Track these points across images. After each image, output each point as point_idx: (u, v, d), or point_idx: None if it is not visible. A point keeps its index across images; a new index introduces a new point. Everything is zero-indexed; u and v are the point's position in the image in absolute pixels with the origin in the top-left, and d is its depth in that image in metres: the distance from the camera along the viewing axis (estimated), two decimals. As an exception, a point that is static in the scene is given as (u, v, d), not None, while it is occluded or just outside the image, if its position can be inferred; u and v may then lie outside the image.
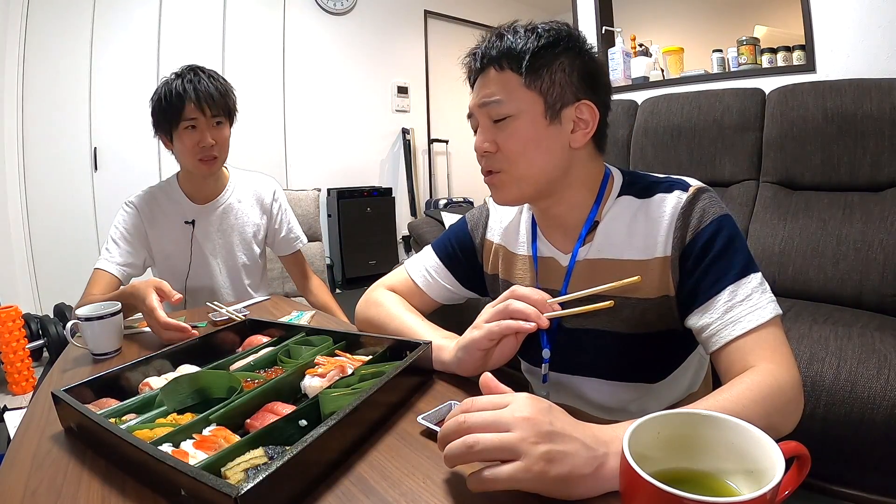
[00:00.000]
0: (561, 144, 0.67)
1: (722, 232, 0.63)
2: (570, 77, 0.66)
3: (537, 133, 0.66)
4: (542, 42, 0.66)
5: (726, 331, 0.60)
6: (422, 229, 2.52)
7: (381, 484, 0.48)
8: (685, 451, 0.39)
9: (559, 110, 0.66)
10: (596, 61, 0.69)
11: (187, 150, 1.21)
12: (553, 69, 0.66)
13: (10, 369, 2.16)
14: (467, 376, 0.68)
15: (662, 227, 0.65)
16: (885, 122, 1.51)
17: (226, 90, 1.23)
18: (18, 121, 2.76)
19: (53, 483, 0.51)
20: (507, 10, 5.19)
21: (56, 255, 2.89)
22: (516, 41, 0.66)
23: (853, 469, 1.06)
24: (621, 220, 0.69)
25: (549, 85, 0.66)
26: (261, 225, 1.40)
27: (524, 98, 0.66)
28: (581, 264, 0.72)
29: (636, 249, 0.67)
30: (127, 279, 1.25)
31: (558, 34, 0.67)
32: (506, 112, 0.66)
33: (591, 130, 0.68)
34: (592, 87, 0.68)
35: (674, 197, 0.66)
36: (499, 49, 0.67)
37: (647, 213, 0.67)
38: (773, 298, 0.61)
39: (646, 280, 0.66)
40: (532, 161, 0.67)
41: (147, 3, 3.14)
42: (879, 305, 1.40)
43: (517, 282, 0.79)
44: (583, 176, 0.71)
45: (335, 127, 4.06)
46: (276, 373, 0.70)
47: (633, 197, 0.69)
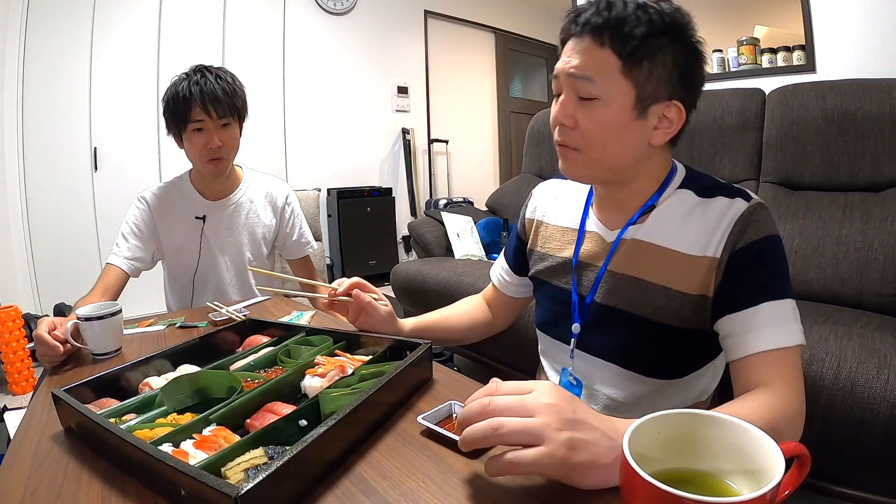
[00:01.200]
0: (641, 139, 0.66)
1: (773, 250, 0.63)
2: (670, 73, 0.63)
3: (621, 124, 0.64)
4: (652, 28, 0.61)
5: (752, 343, 0.60)
6: (422, 229, 2.52)
7: (381, 484, 0.48)
8: (685, 451, 0.39)
9: (648, 105, 0.64)
10: (698, 59, 0.66)
11: (195, 152, 1.23)
12: (655, 61, 0.63)
13: (10, 369, 2.16)
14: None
15: (719, 229, 0.64)
16: (885, 122, 1.51)
17: (233, 90, 1.23)
18: (18, 121, 2.76)
19: (53, 483, 0.51)
20: (508, 10, 5.19)
21: (56, 255, 2.88)
22: (627, 18, 0.61)
23: (853, 469, 1.06)
24: (677, 211, 0.69)
25: (647, 77, 0.63)
26: (270, 227, 1.41)
27: (617, 84, 0.63)
28: (627, 243, 0.72)
29: (686, 243, 0.67)
30: (135, 273, 1.28)
31: (672, 22, 0.62)
32: (595, 93, 0.64)
33: (673, 131, 0.67)
34: (688, 87, 0.66)
35: (736, 203, 0.65)
36: (605, 20, 0.62)
37: (706, 211, 0.67)
38: (801, 328, 0.61)
39: (690, 277, 0.66)
40: (608, 150, 0.66)
41: (147, 3, 3.14)
42: (879, 305, 1.40)
43: (552, 251, 0.83)
44: (652, 169, 0.71)
45: (335, 127, 4.06)
46: (276, 373, 0.70)
47: (693, 193, 0.69)
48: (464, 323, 0.97)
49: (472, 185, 4.93)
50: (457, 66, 4.87)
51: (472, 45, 5.02)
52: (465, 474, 0.49)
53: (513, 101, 5.41)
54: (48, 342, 0.85)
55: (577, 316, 0.77)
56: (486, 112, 5.21)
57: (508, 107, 5.33)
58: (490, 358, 1.90)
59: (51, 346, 0.85)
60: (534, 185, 2.74)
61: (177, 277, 1.39)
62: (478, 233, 2.49)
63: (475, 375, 0.79)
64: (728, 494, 0.37)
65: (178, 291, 1.40)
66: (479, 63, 5.10)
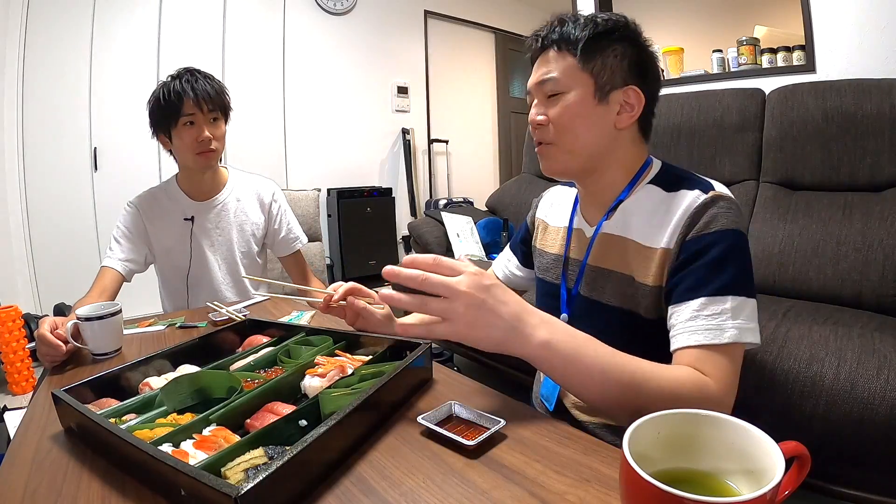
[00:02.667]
0: (606, 123, 0.73)
1: (721, 244, 0.64)
2: (621, 63, 0.72)
3: (585, 110, 0.72)
4: (598, 29, 0.72)
5: (682, 337, 0.63)
6: (422, 229, 2.52)
7: (381, 484, 0.48)
8: (685, 451, 0.39)
9: (608, 92, 0.72)
10: (647, 52, 0.75)
11: (186, 146, 1.25)
12: (606, 54, 0.72)
13: (10, 369, 2.16)
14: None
15: (673, 220, 0.68)
16: (885, 122, 1.51)
17: (221, 89, 1.30)
18: (18, 121, 2.76)
19: (53, 483, 0.51)
20: (508, 10, 5.19)
21: (56, 255, 2.88)
22: (575, 27, 0.72)
23: (853, 469, 1.06)
24: (643, 206, 0.73)
25: (601, 68, 0.72)
26: (259, 224, 1.42)
27: (577, 77, 0.72)
28: (601, 237, 0.77)
29: (645, 235, 0.71)
30: (130, 275, 1.30)
31: (615, 24, 0.73)
32: (559, 88, 0.73)
33: (635, 114, 0.73)
34: (641, 75, 0.73)
35: (692, 195, 0.68)
36: (559, 33, 0.73)
37: (669, 205, 0.70)
38: (744, 326, 0.61)
39: (648, 268, 0.70)
40: (578, 135, 0.73)
41: (147, 3, 3.14)
42: (879, 305, 1.40)
43: (547, 248, 0.89)
44: (623, 158, 0.76)
45: (335, 127, 4.06)
46: (276, 373, 0.70)
47: (660, 188, 0.73)
48: None
49: (472, 185, 4.93)
50: (457, 66, 4.86)
51: (472, 45, 5.01)
52: (465, 474, 0.49)
53: (513, 101, 5.41)
54: (51, 341, 0.85)
55: (564, 307, 0.82)
56: (486, 112, 5.21)
57: (508, 107, 5.32)
58: (490, 358, 1.90)
59: (53, 346, 0.86)
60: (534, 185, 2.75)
61: (170, 280, 1.40)
62: (478, 233, 2.49)
63: (475, 375, 0.79)
64: (728, 494, 0.37)
65: (172, 294, 1.42)
66: (479, 63, 5.10)
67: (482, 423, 0.57)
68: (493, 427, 0.55)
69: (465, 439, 0.53)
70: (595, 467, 0.50)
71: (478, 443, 0.52)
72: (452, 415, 0.60)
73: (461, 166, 4.95)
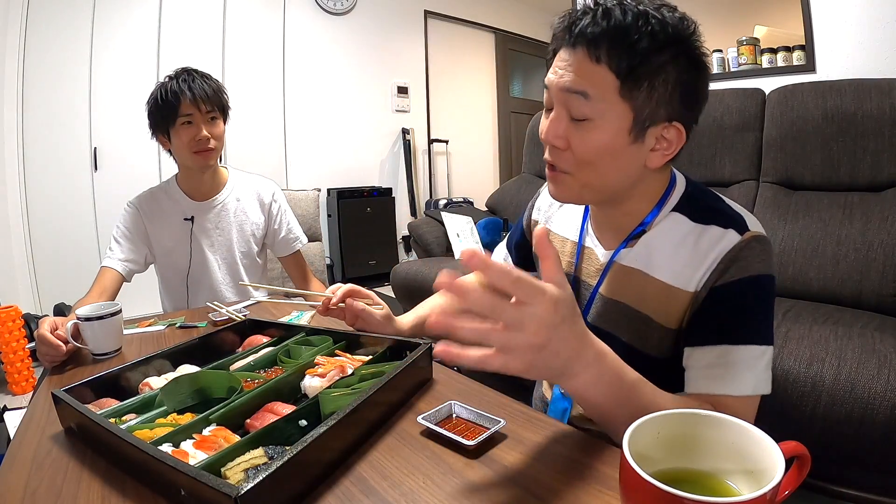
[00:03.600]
0: (637, 163, 0.61)
1: (752, 292, 0.59)
2: (671, 93, 0.57)
3: (615, 148, 0.59)
4: (654, 42, 0.54)
5: (699, 383, 0.59)
6: (422, 229, 2.52)
7: (381, 484, 0.48)
8: (685, 451, 0.39)
9: (646, 128, 0.58)
10: (703, 74, 0.59)
11: (184, 145, 1.25)
12: (656, 81, 0.56)
13: (10, 369, 2.16)
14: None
15: (705, 263, 0.60)
16: (885, 122, 1.51)
17: (218, 88, 1.30)
18: (18, 121, 2.76)
19: (53, 483, 0.51)
20: (508, 10, 5.19)
21: (56, 255, 2.88)
22: (628, 30, 0.54)
23: (853, 469, 1.06)
24: (669, 239, 0.64)
25: (646, 99, 0.57)
26: (259, 224, 1.42)
27: (613, 106, 0.57)
28: (617, 267, 0.68)
29: (672, 274, 0.63)
30: (130, 275, 1.30)
31: (675, 33, 0.55)
32: (588, 114, 0.58)
33: (672, 153, 0.61)
34: (690, 106, 0.59)
35: (727, 237, 0.59)
36: (603, 32, 0.55)
37: (697, 242, 0.61)
38: (763, 378, 0.58)
39: (670, 310, 0.63)
40: (601, 173, 0.61)
41: (147, 3, 3.14)
42: (879, 305, 1.40)
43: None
44: (648, 189, 0.66)
45: (335, 127, 4.06)
46: (276, 373, 0.70)
47: (686, 217, 0.64)
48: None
49: (472, 185, 4.93)
50: (457, 66, 4.86)
51: (472, 45, 5.01)
52: (465, 474, 0.49)
53: (513, 101, 5.41)
54: (51, 342, 0.85)
55: None
56: (486, 112, 5.21)
57: (508, 107, 5.33)
58: (490, 358, 1.90)
59: (53, 346, 0.86)
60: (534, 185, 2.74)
61: (170, 280, 1.40)
62: (478, 233, 2.49)
63: (475, 375, 0.79)
64: (728, 494, 0.37)
65: (172, 294, 1.42)
66: (479, 63, 5.10)
67: (482, 423, 0.57)
68: (493, 427, 0.55)
69: (465, 439, 0.53)
70: (595, 467, 0.50)
71: (478, 443, 0.52)
72: (452, 415, 0.60)
73: (461, 166, 4.95)
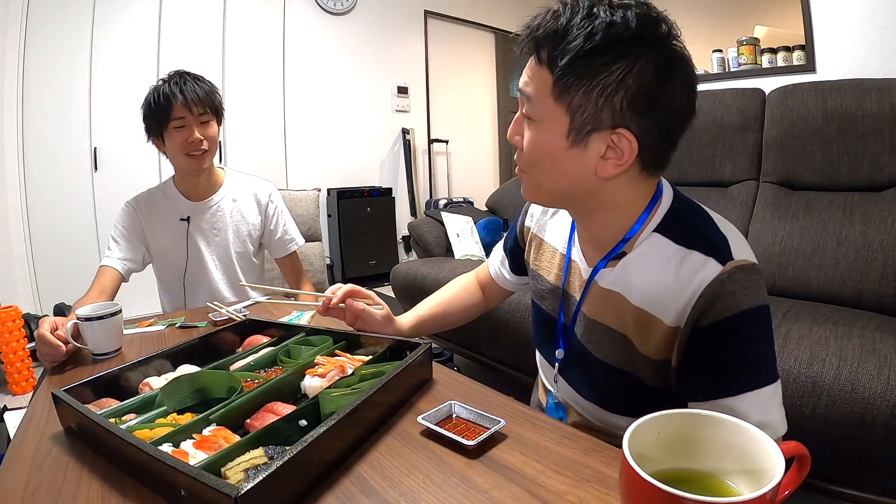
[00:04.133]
0: (582, 169, 0.57)
1: (741, 331, 0.54)
2: (611, 97, 0.52)
3: (554, 151, 0.56)
4: (592, 43, 0.51)
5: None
6: (422, 229, 2.52)
7: (381, 484, 0.48)
8: (685, 451, 0.39)
9: (587, 134, 0.54)
10: (663, 76, 0.52)
11: (177, 147, 1.26)
12: (592, 84, 0.52)
13: (10, 369, 2.16)
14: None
15: (684, 295, 0.55)
16: (885, 122, 1.51)
17: (210, 90, 1.29)
18: (18, 121, 2.76)
19: (53, 483, 0.51)
20: (508, 10, 5.19)
21: (56, 255, 2.88)
22: (567, 32, 0.52)
23: (853, 469, 1.06)
24: (649, 263, 0.60)
25: (582, 104, 0.53)
26: (255, 224, 1.43)
27: (549, 108, 0.55)
28: (596, 288, 0.65)
29: (649, 300, 0.59)
30: (128, 274, 1.31)
31: (619, 34, 0.51)
32: (532, 113, 0.57)
33: (625, 163, 0.55)
34: (644, 111, 0.53)
35: (707, 268, 0.54)
36: (546, 34, 0.54)
37: (678, 270, 0.57)
38: (777, 418, 0.55)
39: (648, 339, 0.60)
40: (546, 175, 0.59)
41: (147, 2, 3.14)
42: (879, 305, 1.40)
43: (543, 273, 0.77)
44: (617, 200, 0.60)
45: (335, 127, 4.06)
46: (276, 373, 0.70)
47: (669, 240, 0.59)
48: (461, 308, 0.98)
49: (472, 185, 4.93)
50: (457, 66, 4.86)
51: (472, 45, 5.01)
52: (465, 474, 0.49)
53: (513, 101, 5.40)
54: (51, 342, 0.86)
55: (560, 341, 0.73)
56: (486, 112, 5.21)
57: (508, 107, 5.32)
58: (490, 358, 1.90)
59: (53, 346, 0.86)
60: (534, 185, 2.66)
61: (167, 280, 1.41)
62: (478, 233, 2.49)
63: (475, 375, 0.79)
64: (728, 494, 0.37)
65: (170, 294, 1.43)
66: (479, 63, 5.10)
67: (482, 423, 0.57)
68: (493, 427, 0.55)
69: (465, 439, 0.53)
70: (595, 467, 0.50)
71: (478, 443, 0.52)
72: (452, 415, 0.60)
73: (461, 166, 4.95)
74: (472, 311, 0.99)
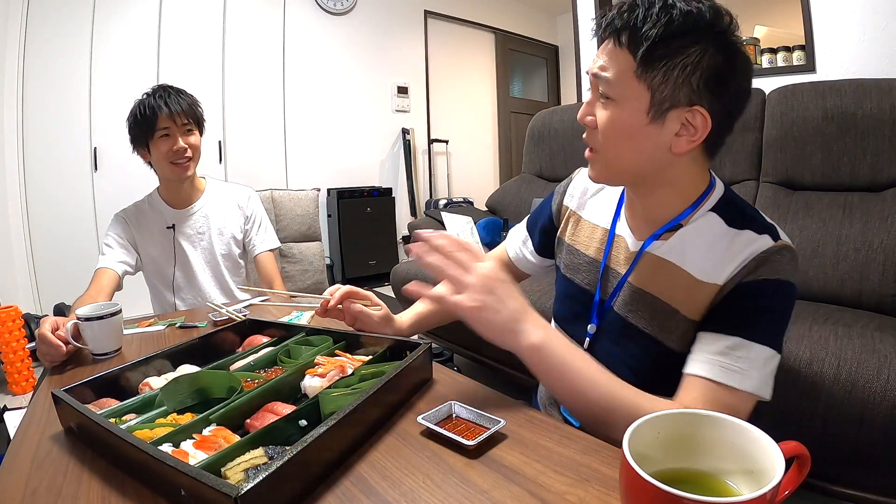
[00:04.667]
0: (657, 145, 0.62)
1: (776, 295, 0.60)
2: (691, 76, 0.59)
3: (633, 127, 0.62)
4: (670, 28, 0.58)
5: (702, 365, 0.60)
6: (422, 229, 2.52)
7: (381, 484, 0.48)
8: (685, 451, 0.39)
9: (666, 111, 0.60)
10: (732, 60, 0.60)
11: (163, 156, 1.32)
12: (673, 63, 0.58)
13: (10, 369, 2.16)
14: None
15: (736, 261, 0.61)
16: (885, 122, 1.51)
17: (193, 102, 1.37)
18: (18, 121, 2.76)
19: (53, 483, 0.51)
20: (508, 10, 5.19)
21: (56, 255, 2.88)
22: (645, 19, 0.59)
23: (853, 469, 1.06)
24: (703, 237, 0.65)
25: (662, 81, 0.59)
26: (238, 227, 1.50)
27: (631, 86, 0.60)
28: (648, 257, 0.70)
29: (701, 269, 0.64)
30: (124, 275, 1.35)
31: (697, 20, 0.58)
32: (611, 94, 0.62)
33: (697, 139, 0.61)
34: (716, 90, 0.60)
35: (761, 240, 0.62)
36: (623, 22, 0.60)
37: (731, 244, 0.63)
38: (767, 382, 0.59)
39: (696, 302, 0.64)
40: (621, 153, 0.64)
41: (147, 2, 3.14)
42: (879, 305, 1.40)
43: (580, 248, 0.81)
44: (679, 179, 0.66)
45: (335, 127, 4.06)
46: (276, 373, 0.70)
47: (722, 220, 0.65)
48: None
49: (472, 185, 4.93)
50: (457, 66, 4.86)
51: (472, 45, 5.01)
52: (465, 474, 0.49)
53: (513, 101, 5.41)
54: (51, 342, 0.86)
55: (594, 316, 0.76)
56: (486, 112, 5.21)
57: (508, 107, 5.33)
58: (490, 358, 1.90)
59: (54, 346, 0.86)
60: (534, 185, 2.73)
61: (156, 286, 1.46)
62: (478, 233, 2.49)
63: (475, 375, 0.79)
64: (728, 494, 0.37)
65: (160, 301, 1.47)
66: (479, 63, 5.10)
67: (482, 423, 0.57)
68: (493, 427, 0.55)
69: (465, 439, 0.53)
70: (595, 467, 0.50)
71: (478, 443, 0.52)
72: (452, 415, 0.60)
73: (461, 166, 4.95)
74: None
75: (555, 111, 2.61)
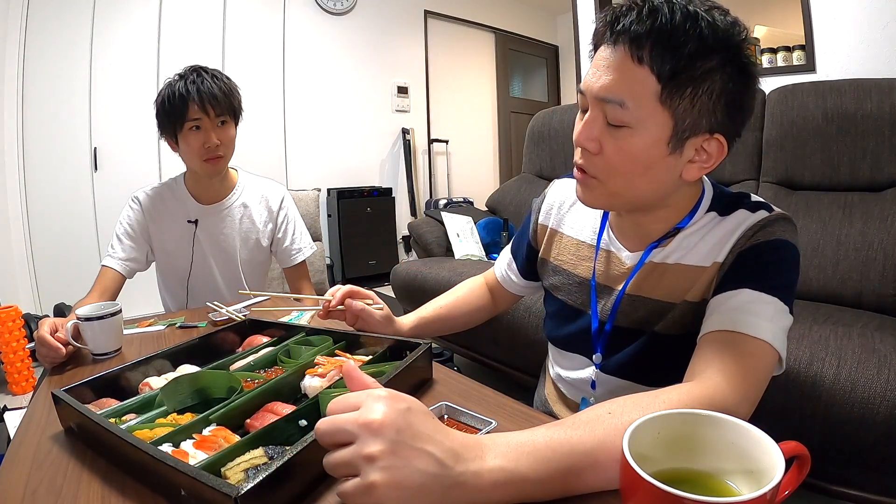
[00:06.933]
0: (672, 175, 0.58)
1: (777, 251, 0.58)
2: (715, 102, 0.53)
3: (651, 159, 0.55)
4: (702, 45, 0.50)
5: (717, 319, 0.55)
6: (422, 229, 2.52)
7: (381, 484, 0.48)
8: (685, 451, 0.39)
9: (686, 139, 0.55)
10: (751, 82, 0.54)
11: (193, 151, 1.20)
12: (700, 88, 0.52)
13: (10, 369, 2.16)
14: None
15: (733, 236, 0.60)
16: (885, 122, 1.51)
17: (230, 89, 1.22)
18: (18, 121, 2.76)
19: (53, 483, 0.51)
20: (508, 10, 5.19)
21: (56, 255, 2.88)
22: (675, 30, 0.49)
23: (853, 469, 1.06)
24: (700, 233, 0.64)
25: (688, 109, 0.52)
26: (265, 232, 1.39)
27: (654, 114, 0.53)
28: (648, 266, 0.67)
29: (701, 256, 0.63)
30: (130, 274, 1.28)
31: (725, 38, 0.51)
32: (625, 120, 0.54)
33: (711, 167, 0.57)
34: (735, 117, 0.55)
35: (756, 214, 0.60)
36: (648, 30, 0.50)
37: (727, 224, 0.62)
38: (780, 337, 0.54)
39: (699, 285, 0.63)
40: (632, 184, 0.58)
41: (147, 3, 3.14)
42: (879, 305, 1.40)
43: (567, 267, 0.77)
44: (681, 199, 0.64)
45: (335, 127, 4.06)
46: (276, 373, 0.70)
47: (716, 213, 0.64)
48: (466, 310, 0.96)
49: (472, 185, 4.93)
50: (457, 66, 4.86)
51: (472, 45, 5.01)
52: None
53: (513, 101, 5.41)
54: (50, 344, 0.85)
55: (598, 346, 0.72)
56: (486, 112, 5.21)
57: (508, 107, 5.33)
58: (490, 358, 1.90)
59: (53, 348, 0.85)
60: (534, 185, 2.72)
61: (170, 281, 1.39)
62: (478, 233, 2.49)
63: (475, 375, 0.79)
64: (728, 494, 0.37)
65: (172, 295, 1.41)
66: (479, 63, 5.10)
67: (474, 424, 0.57)
68: (485, 428, 0.55)
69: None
70: (595, 467, 0.49)
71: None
72: (444, 416, 0.60)
73: (461, 166, 4.95)
74: (478, 314, 0.98)
75: (555, 111, 2.61)
